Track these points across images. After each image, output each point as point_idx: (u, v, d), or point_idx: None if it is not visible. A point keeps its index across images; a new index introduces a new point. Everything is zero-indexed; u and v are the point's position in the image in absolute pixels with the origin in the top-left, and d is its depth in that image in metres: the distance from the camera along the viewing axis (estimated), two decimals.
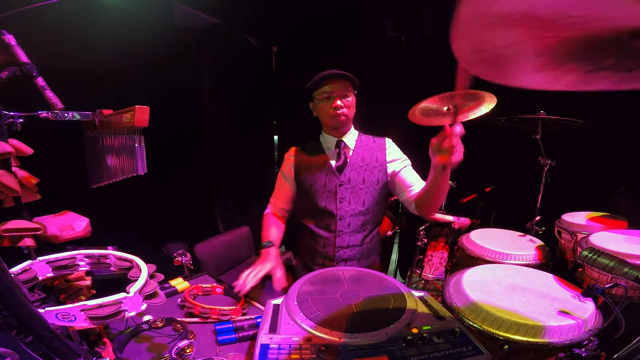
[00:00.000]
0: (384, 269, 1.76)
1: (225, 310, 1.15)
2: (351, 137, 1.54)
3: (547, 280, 1.17)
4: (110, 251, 1.04)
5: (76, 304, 0.74)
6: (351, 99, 1.45)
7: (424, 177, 1.37)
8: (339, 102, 1.41)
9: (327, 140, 1.54)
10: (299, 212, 1.61)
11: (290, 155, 1.58)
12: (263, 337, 0.79)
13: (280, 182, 1.61)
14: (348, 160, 1.49)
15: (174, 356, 0.85)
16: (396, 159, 1.53)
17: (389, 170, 1.51)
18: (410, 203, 1.47)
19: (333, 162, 1.49)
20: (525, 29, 0.39)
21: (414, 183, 1.48)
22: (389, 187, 1.55)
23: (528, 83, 0.52)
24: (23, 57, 1.04)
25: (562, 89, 0.51)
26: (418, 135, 2.85)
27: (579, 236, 1.61)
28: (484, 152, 2.74)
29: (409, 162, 1.55)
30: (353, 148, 1.52)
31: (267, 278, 1.29)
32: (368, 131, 1.69)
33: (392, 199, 2.52)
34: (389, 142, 1.58)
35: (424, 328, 0.82)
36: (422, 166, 1.81)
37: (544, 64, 0.46)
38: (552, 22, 0.37)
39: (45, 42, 1.49)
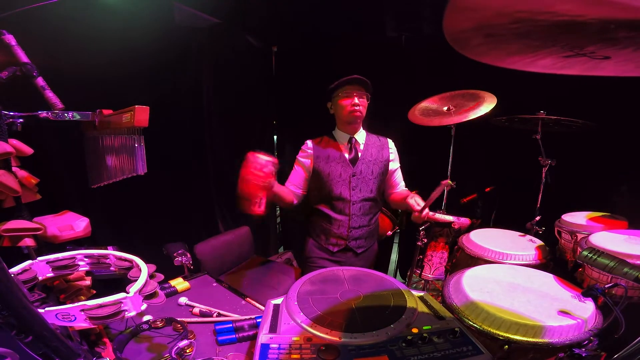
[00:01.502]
0: (381, 255, 1.90)
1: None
2: (361, 136, 1.76)
3: (547, 280, 1.17)
4: (110, 251, 1.04)
5: (76, 304, 0.74)
6: (365, 101, 1.68)
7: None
8: (356, 100, 1.63)
9: (341, 136, 1.74)
10: (315, 199, 1.77)
11: (308, 148, 1.74)
12: (263, 337, 0.79)
13: (298, 167, 1.76)
14: (359, 155, 1.71)
15: (174, 356, 0.85)
16: (395, 159, 1.81)
17: (390, 168, 1.78)
18: (387, 197, 1.84)
19: (347, 155, 1.71)
20: (522, 10, 0.40)
21: (399, 184, 1.84)
22: None
23: (508, 64, 0.53)
24: (23, 57, 1.04)
25: (536, 71, 0.54)
26: (417, 135, 2.87)
27: (579, 236, 1.61)
28: (484, 152, 2.74)
29: (399, 164, 1.85)
30: (363, 145, 1.74)
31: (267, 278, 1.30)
32: (369, 129, 1.74)
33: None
34: (390, 142, 1.83)
35: (424, 328, 0.82)
36: (418, 167, 1.83)
37: (527, 45, 0.47)
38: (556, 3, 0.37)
39: (45, 42, 1.49)
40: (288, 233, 3.83)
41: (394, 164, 1.80)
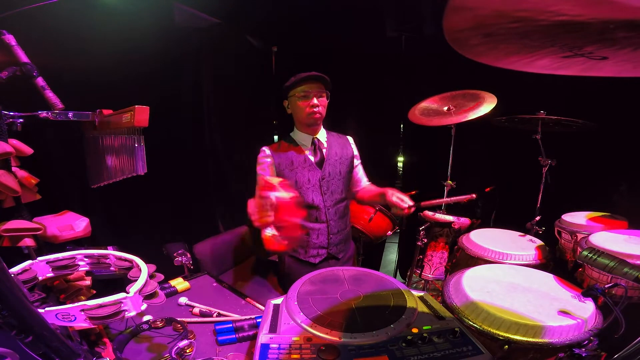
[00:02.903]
0: (379, 255, 1.86)
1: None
2: (322, 135, 1.66)
3: (547, 280, 1.17)
4: (110, 251, 1.04)
5: (76, 304, 0.74)
6: (325, 99, 1.56)
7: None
8: (315, 101, 1.51)
9: (302, 138, 1.62)
10: None
11: (266, 156, 1.59)
12: (263, 337, 0.79)
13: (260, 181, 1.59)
14: (325, 156, 1.61)
15: (174, 356, 0.85)
16: (357, 156, 1.74)
17: (354, 164, 1.72)
18: (352, 195, 1.75)
19: (312, 158, 1.60)
20: (521, 9, 0.40)
21: (362, 180, 1.76)
22: None
23: (506, 64, 0.53)
24: (23, 57, 1.04)
25: (534, 71, 0.54)
26: (417, 135, 2.86)
27: (579, 236, 1.61)
28: (484, 152, 2.75)
29: (359, 160, 1.77)
30: (326, 145, 1.64)
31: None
32: (368, 130, 1.72)
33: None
34: (351, 139, 1.75)
35: (424, 328, 0.82)
36: (419, 167, 1.82)
37: (526, 45, 0.47)
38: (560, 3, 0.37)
39: (45, 42, 1.49)
40: None
41: (356, 160, 1.73)
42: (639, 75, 0.51)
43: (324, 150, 1.61)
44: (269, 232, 1.18)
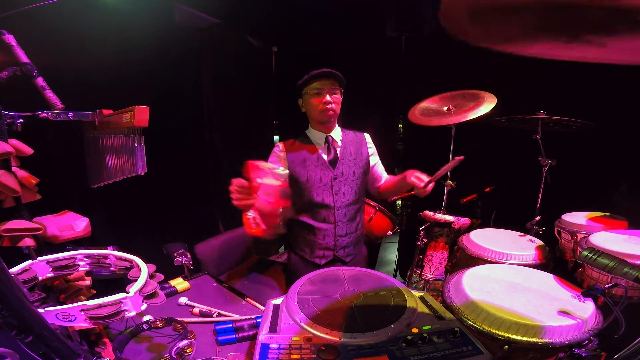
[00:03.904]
0: (377, 256, 1.82)
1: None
2: (337, 133, 1.62)
3: (547, 280, 1.17)
4: (110, 251, 1.04)
5: (76, 304, 0.74)
6: (338, 96, 1.54)
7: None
8: (328, 98, 1.49)
9: (316, 136, 1.59)
10: (294, 209, 1.63)
11: (280, 151, 1.60)
12: (263, 337, 0.79)
13: None
14: (339, 155, 1.58)
15: (174, 356, 0.85)
16: (374, 153, 1.69)
17: (371, 163, 1.67)
18: (375, 190, 1.71)
19: (325, 157, 1.56)
20: None
21: (382, 176, 1.71)
22: None
23: (512, 48, 0.51)
24: (23, 57, 1.04)
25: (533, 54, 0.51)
26: (417, 135, 2.86)
27: (579, 236, 1.61)
28: (484, 152, 2.75)
29: (378, 157, 1.73)
30: (340, 143, 1.60)
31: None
32: (368, 130, 1.72)
33: (392, 199, 2.52)
34: (367, 137, 1.70)
35: (424, 328, 0.82)
36: (419, 167, 1.81)
37: (529, 23, 0.46)
38: None
39: (45, 42, 1.49)
40: (288, 233, 3.83)
41: (374, 158, 1.68)
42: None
43: (338, 149, 1.58)
44: (251, 214, 1.21)
